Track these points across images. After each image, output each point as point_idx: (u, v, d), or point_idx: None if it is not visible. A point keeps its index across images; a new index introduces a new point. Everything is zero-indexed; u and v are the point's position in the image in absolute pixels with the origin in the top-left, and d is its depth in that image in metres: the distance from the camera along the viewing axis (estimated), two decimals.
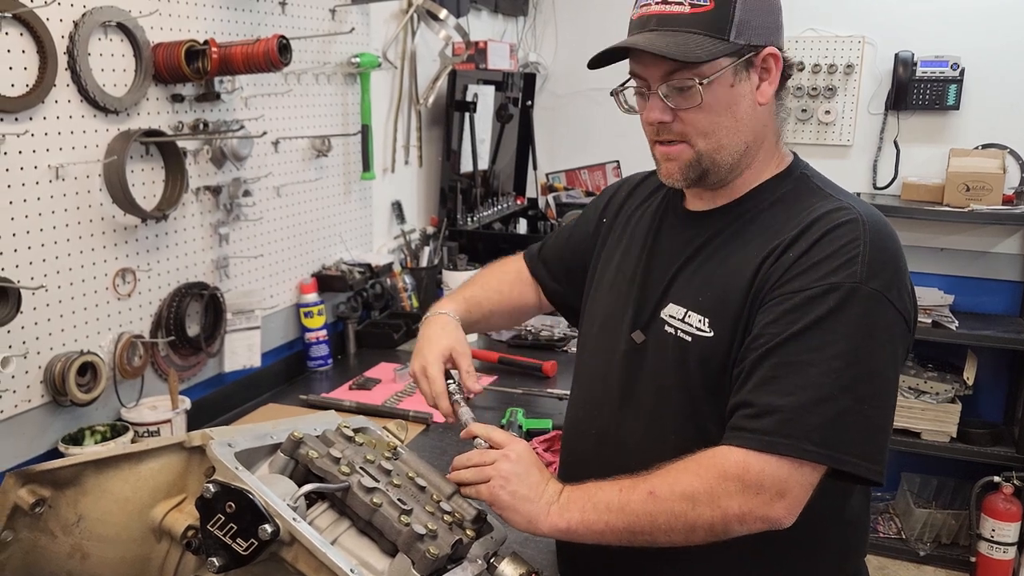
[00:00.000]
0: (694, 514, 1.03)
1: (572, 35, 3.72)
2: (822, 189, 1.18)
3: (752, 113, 1.15)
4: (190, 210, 1.89)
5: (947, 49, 3.21)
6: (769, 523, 1.03)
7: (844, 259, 1.05)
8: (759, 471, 1.01)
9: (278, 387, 2.20)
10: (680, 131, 1.15)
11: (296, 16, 2.17)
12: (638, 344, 1.23)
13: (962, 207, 3.09)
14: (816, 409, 1.01)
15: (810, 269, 1.07)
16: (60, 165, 1.57)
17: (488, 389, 2.12)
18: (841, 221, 1.09)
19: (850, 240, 1.07)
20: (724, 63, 1.10)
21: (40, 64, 1.51)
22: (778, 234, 1.12)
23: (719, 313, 1.13)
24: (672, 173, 1.19)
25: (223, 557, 0.92)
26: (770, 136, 1.20)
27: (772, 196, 1.19)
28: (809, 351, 1.03)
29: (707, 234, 1.21)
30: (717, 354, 1.13)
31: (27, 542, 1.04)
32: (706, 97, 1.11)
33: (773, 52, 1.13)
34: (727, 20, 1.09)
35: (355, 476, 1.03)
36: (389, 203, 2.80)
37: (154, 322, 1.83)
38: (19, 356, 1.51)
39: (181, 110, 1.83)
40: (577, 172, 3.78)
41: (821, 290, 1.05)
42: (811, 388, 1.02)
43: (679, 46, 1.08)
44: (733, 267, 1.14)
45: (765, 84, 1.14)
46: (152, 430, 1.71)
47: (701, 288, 1.17)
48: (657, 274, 1.24)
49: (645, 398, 1.21)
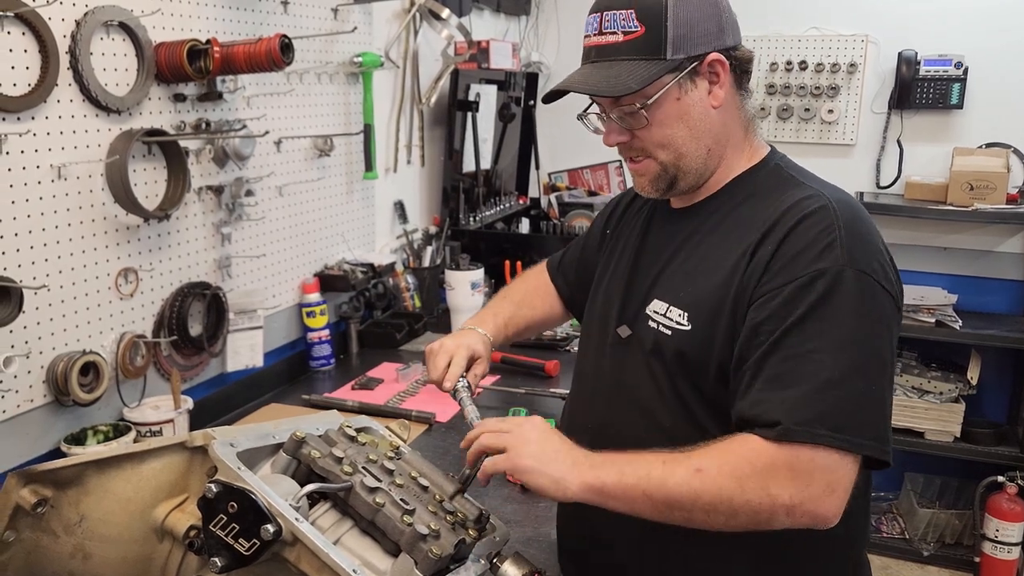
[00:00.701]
0: (742, 498, 1.01)
1: (574, 34, 3.71)
2: (794, 178, 1.20)
3: (706, 118, 1.18)
4: (192, 210, 1.89)
5: (951, 48, 3.20)
6: (816, 520, 1.01)
7: (823, 245, 1.06)
8: (809, 461, 1.00)
9: (280, 387, 2.20)
10: (641, 147, 1.20)
11: (298, 15, 2.17)
12: (623, 338, 1.26)
13: (966, 206, 3.08)
14: (825, 395, 1.01)
15: (792, 261, 1.08)
16: (62, 165, 1.56)
17: (491, 389, 2.12)
18: (811, 209, 1.10)
19: (824, 227, 1.08)
20: (666, 80, 1.14)
21: (42, 64, 1.51)
22: (752, 227, 1.14)
23: (697, 307, 1.16)
24: (644, 187, 1.24)
25: (225, 557, 0.91)
26: (736, 132, 1.22)
27: (746, 189, 1.22)
28: (809, 339, 1.03)
29: (688, 230, 1.24)
30: (693, 346, 1.15)
31: (29, 542, 1.03)
32: (655, 116, 1.15)
33: (717, 58, 1.16)
34: (660, 40, 1.13)
35: (357, 476, 1.02)
36: (391, 203, 2.79)
37: (156, 322, 1.82)
38: (21, 356, 1.51)
39: (183, 109, 1.83)
40: (579, 171, 3.77)
41: (808, 278, 1.05)
42: (817, 374, 1.02)
43: (610, 80, 1.13)
44: (711, 263, 1.17)
45: (716, 88, 1.17)
46: (155, 430, 1.71)
47: (682, 284, 1.20)
48: (644, 271, 1.28)
49: (635, 390, 1.23)
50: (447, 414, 1.98)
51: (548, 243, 2.98)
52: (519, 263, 2.87)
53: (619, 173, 3.70)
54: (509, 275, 2.86)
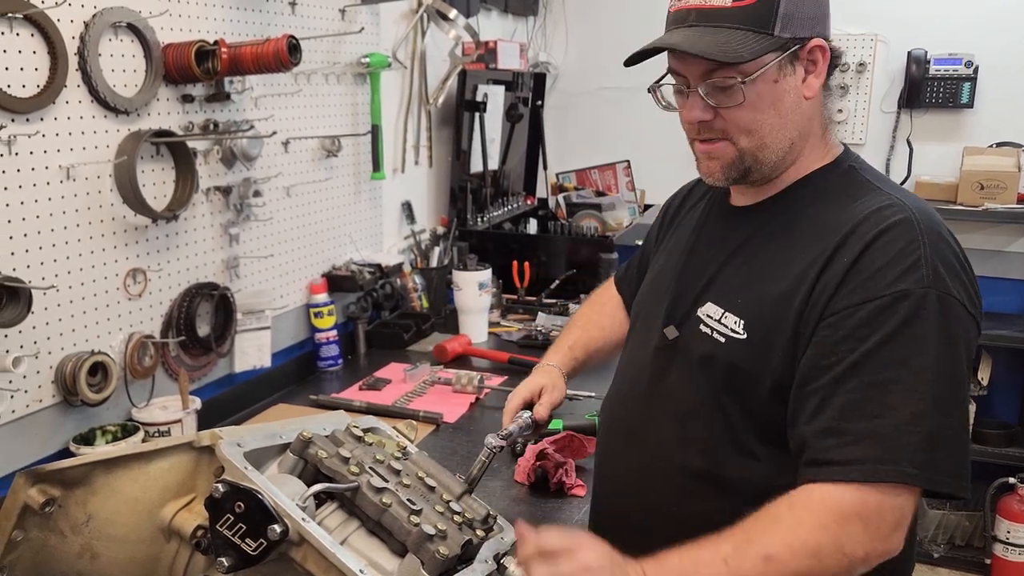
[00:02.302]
0: (819, 569, 0.95)
1: (582, 34, 3.71)
2: (870, 182, 1.12)
3: (797, 108, 1.10)
4: (200, 210, 1.90)
5: (961, 47, 3.18)
6: (887, 556, 0.98)
7: (907, 263, 0.99)
8: (878, 505, 0.95)
9: (288, 387, 2.20)
10: (722, 128, 1.10)
11: (306, 16, 2.17)
12: (670, 340, 1.20)
13: (976, 206, 3.06)
14: (912, 428, 0.95)
15: (871, 278, 1.00)
16: (71, 165, 1.57)
17: (499, 389, 2.12)
18: (892, 221, 1.03)
19: (908, 242, 1.01)
20: (768, 59, 1.05)
21: (51, 65, 1.51)
22: (823, 234, 1.07)
23: (757, 317, 1.09)
24: (713, 172, 1.14)
25: (232, 557, 0.91)
26: (816, 128, 1.15)
27: (816, 190, 1.13)
28: (891, 367, 0.97)
29: (749, 230, 1.17)
30: (748, 358, 1.08)
31: (37, 542, 1.04)
32: (749, 95, 1.06)
33: (820, 44, 1.08)
34: (771, 13, 1.04)
35: (364, 476, 1.02)
36: (399, 203, 2.79)
37: (164, 322, 1.83)
38: (30, 356, 1.51)
39: (191, 110, 1.83)
40: (587, 172, 3.76)
41: (890, 299, 0.98)
42: (902, 407, 0.96)
43: (720, 45, 1.03)
44: (774, 269, 1.10)
45: (811, 77, 1.09)
46: (163, 430, 1.71)
47: (741, 289, 1.12)
48: (697, 270, 1.21)
49: (674, 396, 1.18)
50: (454, 415, 1.98)
51: (556, 244, 2.98)
52: (527, 263, 2.87)
53: (627, 173, 3.69)
54: (517, 276, 2.86)
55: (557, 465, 1.62)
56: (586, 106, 3.75)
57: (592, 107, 3.74)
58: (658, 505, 1.21)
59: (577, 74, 3.73)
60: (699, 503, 1.16)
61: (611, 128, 3.71)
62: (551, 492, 1.61)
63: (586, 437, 1.70)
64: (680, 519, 1.14)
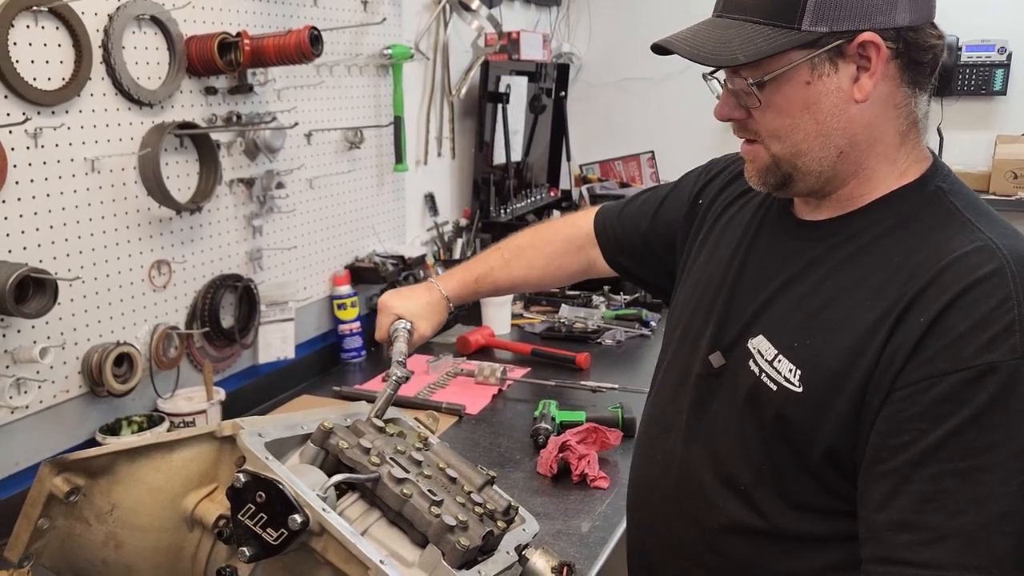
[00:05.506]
0: None
1: (606, 25, 3.68)
2: (959, 211, 0.96)
3: (842, 113, 0.95)
4: (224, 202, 1.90)
5: (993, 33, 3.12)
6: None
7: (997, 329, 0.85)
8: None
9: (312, 379, 2.21)
10: (755, 130, 1.00)
11: (328, 7, 2.17)
12: (714, 369, 1.08)
13: (1009, 195, 3.01)
14: (1001, 529, 0.83)
15: (953, 344, 0.86)
16: (96, 158, 1.58)
17: (521, 381, 2.12)
18: (982, 275, 0.87)
19: (999, 301, 0.86)
20: (794, 57, 0.93)
21: (75, 58, 1.52)
22: (898, 276, 0.92)
23: (815, 369, 0.95)
24: (750, 175, 1.05)
25: (253, 547, 0.91)
26: (888, 137, 0.98)
27: (894, 216, 0.97)
28: (977, 453, 0.84)
29: (812, 254, 1.02)
30: (802, 416, 0.96)
31: (63, 530, 1.04)
32: (770, 98, 0.96)
33: (870, 39, 0.92)
34: (798, 4, 0.91)
35: (385, 467, 1.02)
36: (422, 195, 2.79)
37: (189, 314, 1.84)
38: (57, 347, 1.53)
39: (214, 102, 1.84)
40: (611, 163, 3.74)
41: (976, 372, 0.84)
42: (990, 502, 0.83)
43: (719, 45, 0.94)
44: (840, 313, 0.95)
45: (864, 76, 0.94)
46: (188, 421, 1.73)
47: (799, 331, 0.98)
48: (748, 289, 1.08)
49: (714, 435, 1.07)
50: (477, 407, 1.98)
51: None
52: None
53: (651, 164, 3.67)
54: None
55: (579, 457, 1.61)
56: (610, 97, 3.72)
57: (616, 98, 3.71)
58: (691, 551, 1.11)
59: (600, 64, 3.71)
60: (736, 555, 1.06)
61: (635, 119, 3.68)
62: (574, 484, 1.60)
63: (609, 429, 1.69)
64: (712, 568, 1.08)
